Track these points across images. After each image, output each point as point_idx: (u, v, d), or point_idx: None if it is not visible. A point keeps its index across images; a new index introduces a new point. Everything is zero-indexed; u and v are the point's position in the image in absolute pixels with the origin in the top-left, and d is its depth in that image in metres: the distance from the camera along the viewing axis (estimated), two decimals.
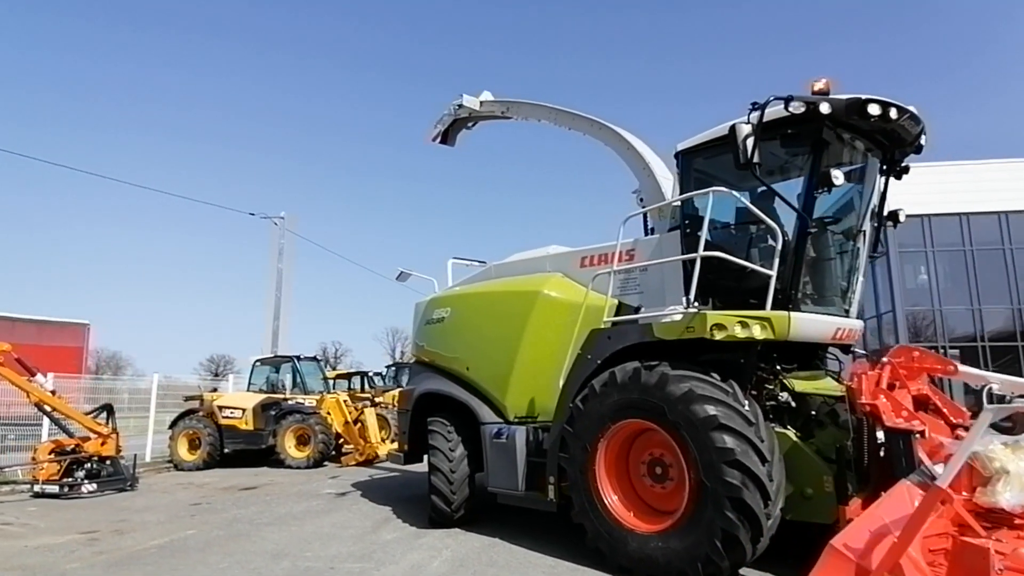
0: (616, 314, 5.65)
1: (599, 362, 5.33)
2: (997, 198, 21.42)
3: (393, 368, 22.65)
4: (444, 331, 7.39)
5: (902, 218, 5.78)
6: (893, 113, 4.78)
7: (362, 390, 19.03)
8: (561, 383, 5.63)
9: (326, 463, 13.01)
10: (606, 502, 5.04)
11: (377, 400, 15.17)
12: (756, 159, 4.57)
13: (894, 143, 5.32)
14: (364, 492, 9.29)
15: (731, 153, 5.41)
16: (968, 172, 21.39)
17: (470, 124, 9.28)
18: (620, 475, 5.19)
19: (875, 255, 5.85)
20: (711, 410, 4.44)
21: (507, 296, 6.71)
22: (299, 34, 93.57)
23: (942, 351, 18.38)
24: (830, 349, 5.91)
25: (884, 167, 5.57)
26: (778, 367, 5.22)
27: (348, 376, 20.13)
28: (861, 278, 5.69)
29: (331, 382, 17.56)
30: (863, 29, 75.54)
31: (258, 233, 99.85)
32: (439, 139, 9.30)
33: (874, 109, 4.68)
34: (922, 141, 5.34)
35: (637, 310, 5.59)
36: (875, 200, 5.62)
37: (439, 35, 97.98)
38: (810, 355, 5.75)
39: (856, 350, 6.02)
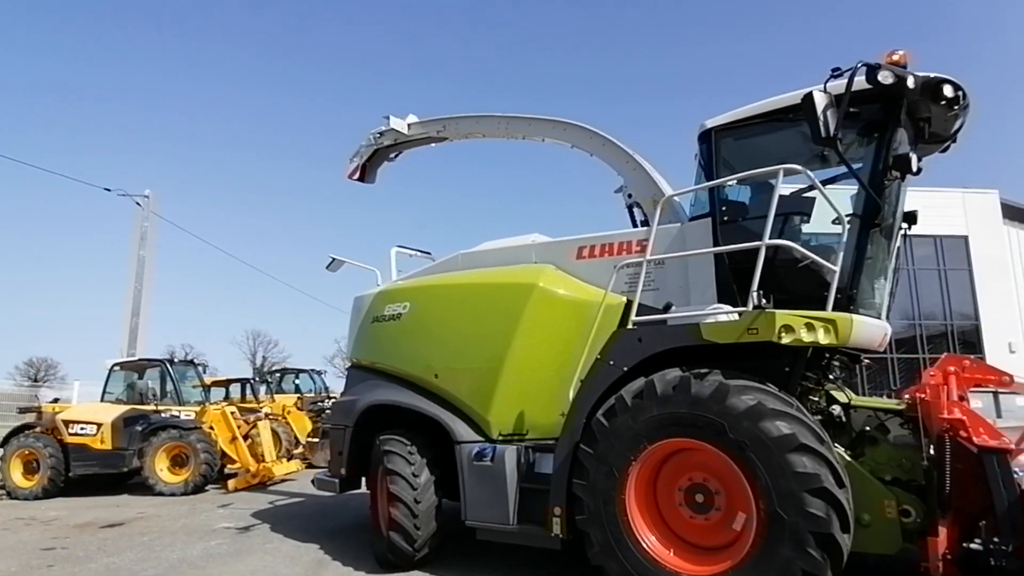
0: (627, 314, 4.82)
1: (625, 369, 4.46)
2: None
3: (278, 374, 20.27)
4: (401, 330, 6.12)
5: (917, 220, 5.52)
6: (962, 99, 4.39)
7: (243, 399, 16.75)
8: (571, 395, 4.69)
9: (207, 488, 10.98)
10: (641, 540, 4.15)
11: (267, 411, 13.33)
12: (839, 134, 3.95)
13: (933, 136, 4.96)
14: (274, 525, 7.64)
15: (765, 134, 4.98)
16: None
17: (393, 155, 7.97)
18: (650, 504, 4.34)
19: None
20: (785, 428, 3.73)
21: (490, 289, 5.61)
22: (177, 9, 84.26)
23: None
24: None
25: None
26: (831, 375, 4.64)
27: (226, 383, 17.59)
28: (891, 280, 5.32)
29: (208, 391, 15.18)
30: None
31: (90, 214, 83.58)
32: (357, 175, 7.96)
33: (948, 91, 4.26)
34: (957, 139, 5.06)
35: (667, 308, 4.77)
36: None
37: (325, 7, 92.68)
38: (818, 362, 5.27)
39: (865, 358, 5.64)
